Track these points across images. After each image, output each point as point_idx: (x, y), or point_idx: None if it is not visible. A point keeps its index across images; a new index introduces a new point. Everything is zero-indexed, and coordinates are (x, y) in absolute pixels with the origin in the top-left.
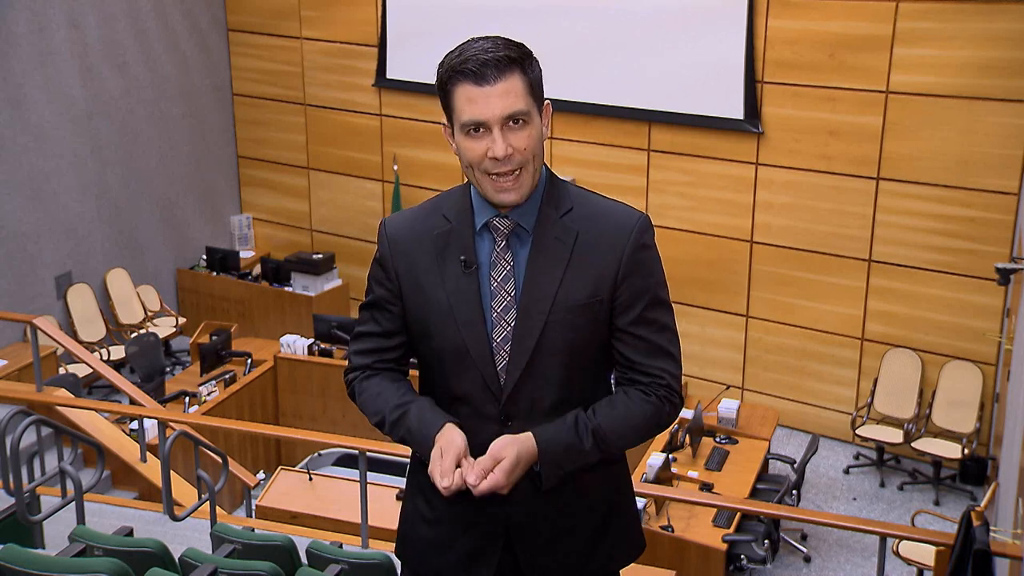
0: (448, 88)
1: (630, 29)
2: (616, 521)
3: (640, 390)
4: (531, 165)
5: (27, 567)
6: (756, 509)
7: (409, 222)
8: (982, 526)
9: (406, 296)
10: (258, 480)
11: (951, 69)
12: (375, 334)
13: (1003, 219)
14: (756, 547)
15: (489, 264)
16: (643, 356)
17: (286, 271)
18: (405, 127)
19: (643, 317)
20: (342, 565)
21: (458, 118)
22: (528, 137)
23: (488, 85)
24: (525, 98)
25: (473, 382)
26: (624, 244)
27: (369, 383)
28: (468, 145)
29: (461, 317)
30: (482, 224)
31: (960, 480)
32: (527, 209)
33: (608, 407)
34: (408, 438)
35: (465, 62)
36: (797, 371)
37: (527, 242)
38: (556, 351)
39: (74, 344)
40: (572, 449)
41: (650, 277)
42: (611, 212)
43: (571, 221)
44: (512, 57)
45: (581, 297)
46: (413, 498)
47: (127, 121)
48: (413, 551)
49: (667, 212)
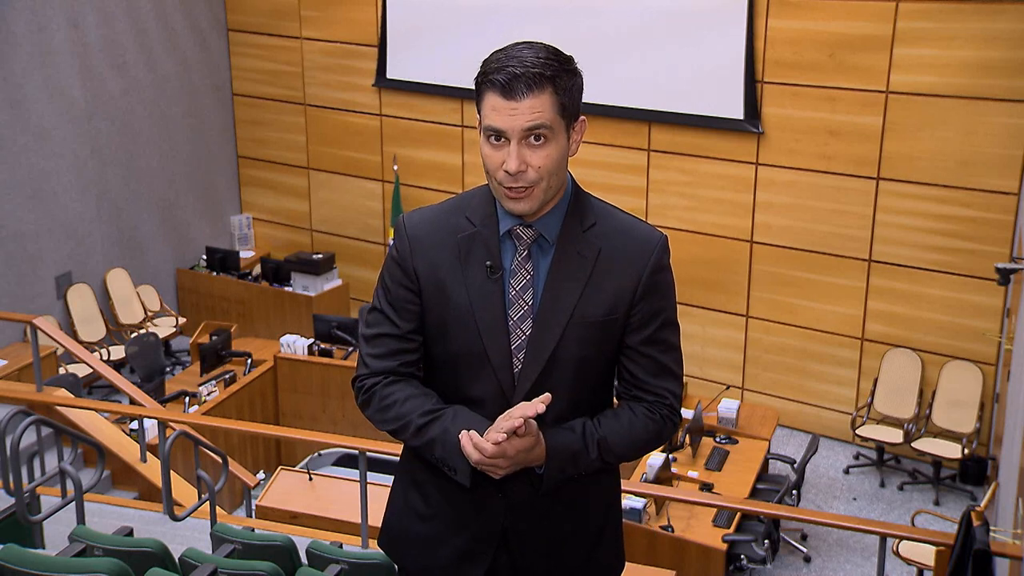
0: (480, 91)
1: (630, 29)
2: (607, 532)
3: (645, 408)
4: (545, 183)
5: (27, 567)
6: (756, 509)
7: (430, 221)
8: (982, 526)
9: (426, 296)
10: (258, 480)
11: (951, 69)
12: (394, 335)
13: (1003, 219)
14: (756, 547)
15: (509, 272)
16: (650, 376)
17: (286, 271)
18: (405, 127)
19: (655, 337)
20: (342, 565)
21: (483, 120)
22: (546, 156)
23: (514, 100)
24: (551, 116)
25: (487, 387)
26: (644, 264)
27: (394, 388)
28: (487, 152)
29: (483, 322)
30: (504, 231)
31: (960, 480)
32: (550, 220)
33: (614, 420)
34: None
35: (499, 71)
36: (797, 371)
37: (548, 253)
38: (568, 364)
39: (74, 344)
40: (578, 456)
41: (665, 299)
42: (633, 230)
43: (594, 236)
44: (546, 75)
45: (599, 313)
46: (405, 492)
47: (127, 121)
48: (402, 546)
49: (667, 212)
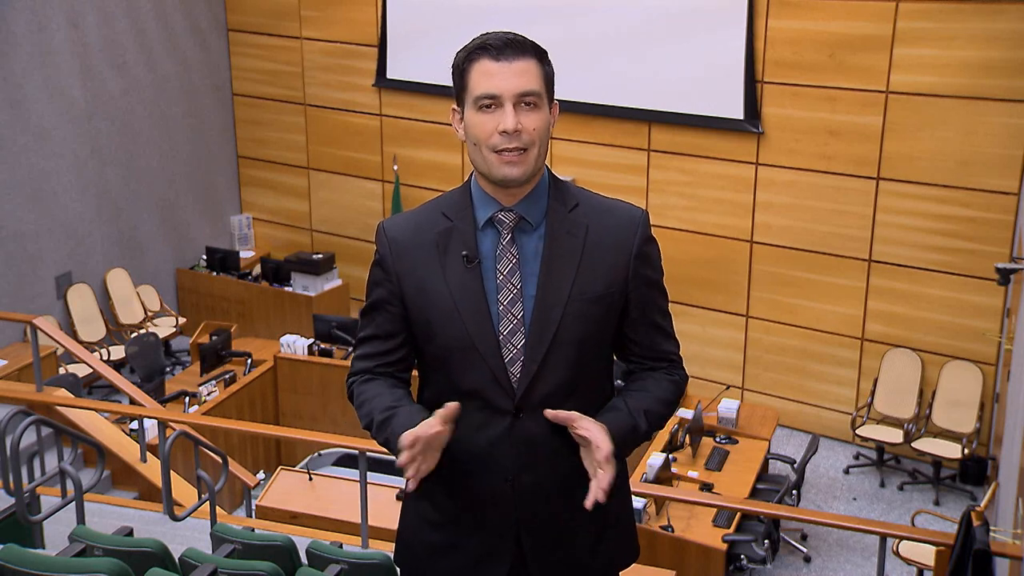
0: (465, 67)
1: (630, 29)
2: (619, 522)
3: (664, 372)
4: (536, 148)
5: (27, 567)
6: (756, 509)
7: (408, 223)
8: (982, 526)
9: (408, 297)
10: (258, 480)
11: (951, 69)
12: (377, 337)
13: (1003, 219)
14: (756, 547)
15: (494, 258)
16: (660, 341)
17: (286, 271)
18: (405, 127)
19: (657, 306)
20: (342, 565)
21: (471, 92)
22: (539, 119)
23: (506, 62)
24: (539, 84)
25: (481, 376)
26: (633, 237)
27: (366, 386)
28: (478, 120)
29: (466, 312)
30: (486, 219)
31: (960, 480)
32: (531, 203)
33: (643, 391)
34: (391, 439)
35: (487, 41)
36: (797, 371)
37: (532, 236)
38: (571, 342)
39: (74, 344)
40: (636, 432)
41: (657, 268)
42: (614, 207)
43: (579, 216)
44: (531, 44)
45: (597, 289)
46: (416, 503)
47: (127, 121)
48: (418, 557)
49: (667, 212)
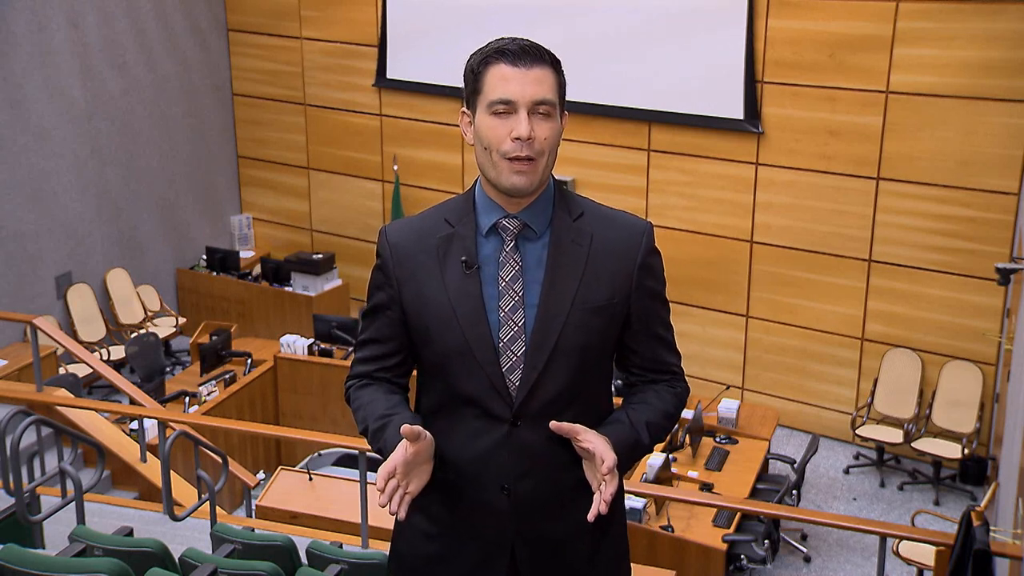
0: (480, 70)
1: (630, 29)
2: (612, 533)
3: (666, 385)
4: (546, 158)
5: (27, 567)
6: (756, 509)
7: (411, 228)
8: (982, 526)
9: (407, 301)
10: (258, 480)
11: (951, 69)
12: (376, 341)
13: (1003, 219)
14: (756, 547)
15: (497, 264)
16: (663, 352)
17: (286, 271)
18: (405, 127)
19: (659, 317)
20: (342, 565)
21: (486, 96)
22: (551, 129)
23: (524, 68)
24: (554, 94)
25: (479, 384)
26: (638, 248)
27: (363, 392)
28: (491, 124)
29: (464, 318)
30: (490, 225)
31: (960, 480)
32: (536, 211)
33: (645, 403)
34: (384, 448)
35: (504, 46)
36: (797, 371)
37: (536, 243)
38: (572, 351)
39: (74, 344)
40: (638, 445)
41: (660, 280)
42: (619, 218)
43: (584, 225)
44: (548, 53)
45: (600, 299)
46: (409, 515)
47: (127, 121)
48: (413, 569)
49: (667, 212)
